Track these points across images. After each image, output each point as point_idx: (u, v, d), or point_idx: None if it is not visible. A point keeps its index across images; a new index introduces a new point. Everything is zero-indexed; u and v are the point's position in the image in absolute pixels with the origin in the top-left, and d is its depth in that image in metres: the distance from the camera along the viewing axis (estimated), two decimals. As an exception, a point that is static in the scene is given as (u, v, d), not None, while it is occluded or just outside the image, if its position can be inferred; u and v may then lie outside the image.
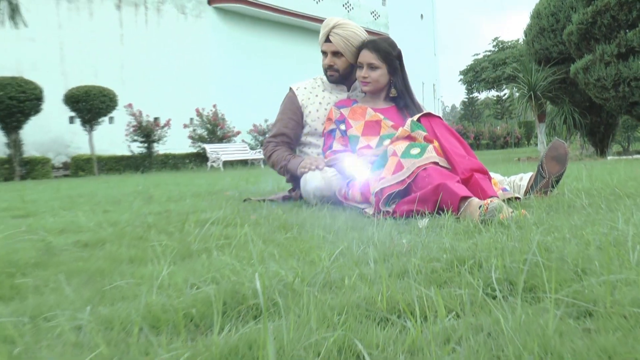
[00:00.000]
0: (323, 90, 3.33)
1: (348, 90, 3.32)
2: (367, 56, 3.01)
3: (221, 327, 0.97)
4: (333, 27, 3.14)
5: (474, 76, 45.64)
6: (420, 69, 31.95)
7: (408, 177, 2.35)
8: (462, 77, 47.57)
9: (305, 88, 3.36)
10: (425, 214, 2.19)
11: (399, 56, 3.08)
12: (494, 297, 1.05)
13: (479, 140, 33.42)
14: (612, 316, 0.91)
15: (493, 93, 50.71)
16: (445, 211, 2.11)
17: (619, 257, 1.23)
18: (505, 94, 49.07)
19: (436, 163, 2.37)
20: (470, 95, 57.68)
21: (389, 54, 3.01)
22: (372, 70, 3.01)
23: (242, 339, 0.86)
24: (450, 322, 0.94)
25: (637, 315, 0.90)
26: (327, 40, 3.17)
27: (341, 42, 3.12)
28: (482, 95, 56.16)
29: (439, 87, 36.29)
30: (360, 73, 3.04)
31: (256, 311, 1.06)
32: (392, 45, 3.07)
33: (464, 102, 63.87)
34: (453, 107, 74.79)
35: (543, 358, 0.75)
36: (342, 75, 3.24)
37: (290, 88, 3.40)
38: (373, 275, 1.25)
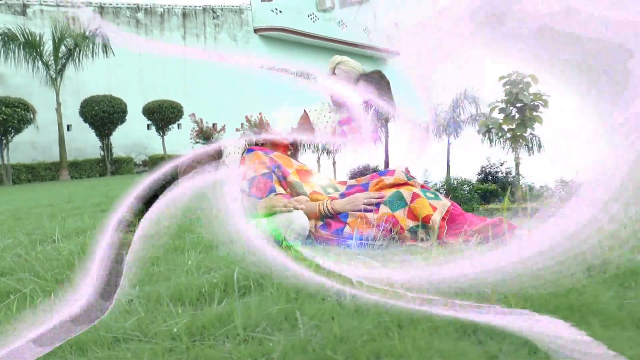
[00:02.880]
0: (329, 112, 3.50)
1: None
2: None
3: (220, 301, 1.16)
4: (338, 64, 3.30)
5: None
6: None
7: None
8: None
9: (315, 110, 3.54)
10: None
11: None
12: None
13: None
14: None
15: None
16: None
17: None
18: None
19: None
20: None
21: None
22: (366, 96, 3.15)
23: (226, 309, 1.06)
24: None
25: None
26: (333, 73, 3.34)
27: (344, 75, 3.28)
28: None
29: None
30: (357, 98, 3.19)
31: (245, 289, 1.24)
32: (382, 76, 3.20)
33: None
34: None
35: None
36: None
37: (304, 110, 3.57)
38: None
